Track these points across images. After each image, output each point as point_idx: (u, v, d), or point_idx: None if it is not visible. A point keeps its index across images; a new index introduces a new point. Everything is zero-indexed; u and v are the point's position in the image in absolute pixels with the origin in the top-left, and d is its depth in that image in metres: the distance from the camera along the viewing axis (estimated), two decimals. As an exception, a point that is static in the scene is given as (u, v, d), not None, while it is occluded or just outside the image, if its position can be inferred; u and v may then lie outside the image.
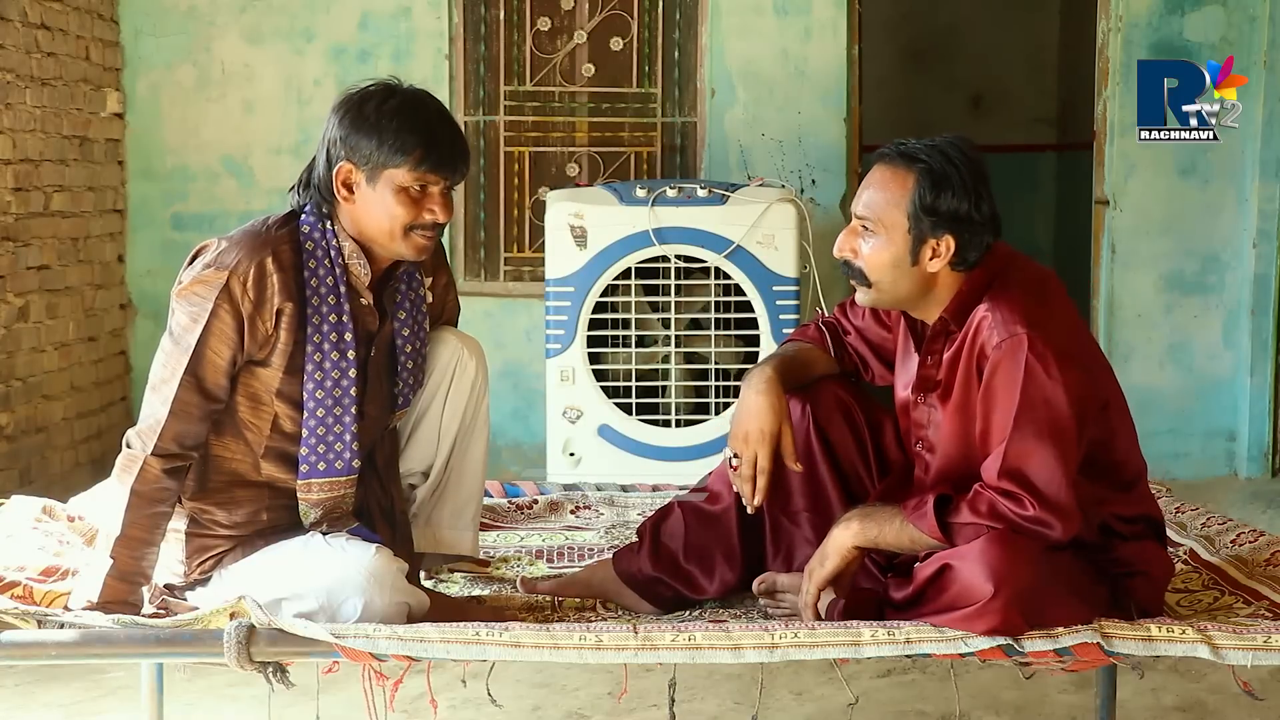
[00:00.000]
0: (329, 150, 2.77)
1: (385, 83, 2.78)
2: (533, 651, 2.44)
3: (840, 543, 2.70)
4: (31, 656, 2.64)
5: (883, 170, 2.72)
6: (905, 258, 2.69)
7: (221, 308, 2.69)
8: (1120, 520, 2.73)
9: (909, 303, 2.77)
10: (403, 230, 2.75)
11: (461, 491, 3.05)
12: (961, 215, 2.65)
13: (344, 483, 2.81)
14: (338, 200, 2.77)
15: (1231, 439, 6.34)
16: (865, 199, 2.72)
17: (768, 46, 6.29)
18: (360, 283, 2.81)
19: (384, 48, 6.28)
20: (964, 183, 2.65)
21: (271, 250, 2.73)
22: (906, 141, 2.73)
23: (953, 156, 2.67)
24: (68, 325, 5.77)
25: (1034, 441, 2.57)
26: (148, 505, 2.72)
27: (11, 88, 5.30)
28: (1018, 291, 2.67)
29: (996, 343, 2.60)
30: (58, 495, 3.54)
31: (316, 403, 2.76)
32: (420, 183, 2.74)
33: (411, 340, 2.91)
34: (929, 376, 2.77)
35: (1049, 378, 2.57)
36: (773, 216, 5.20)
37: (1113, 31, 6.27)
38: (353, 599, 2.68)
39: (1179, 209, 6.30)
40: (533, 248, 6.36)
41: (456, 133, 2.80)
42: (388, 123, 2.71)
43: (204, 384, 2.72)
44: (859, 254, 2.72)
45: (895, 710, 3.70)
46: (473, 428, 3.03)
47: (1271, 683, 3.72)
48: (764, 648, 2.45)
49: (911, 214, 2.66)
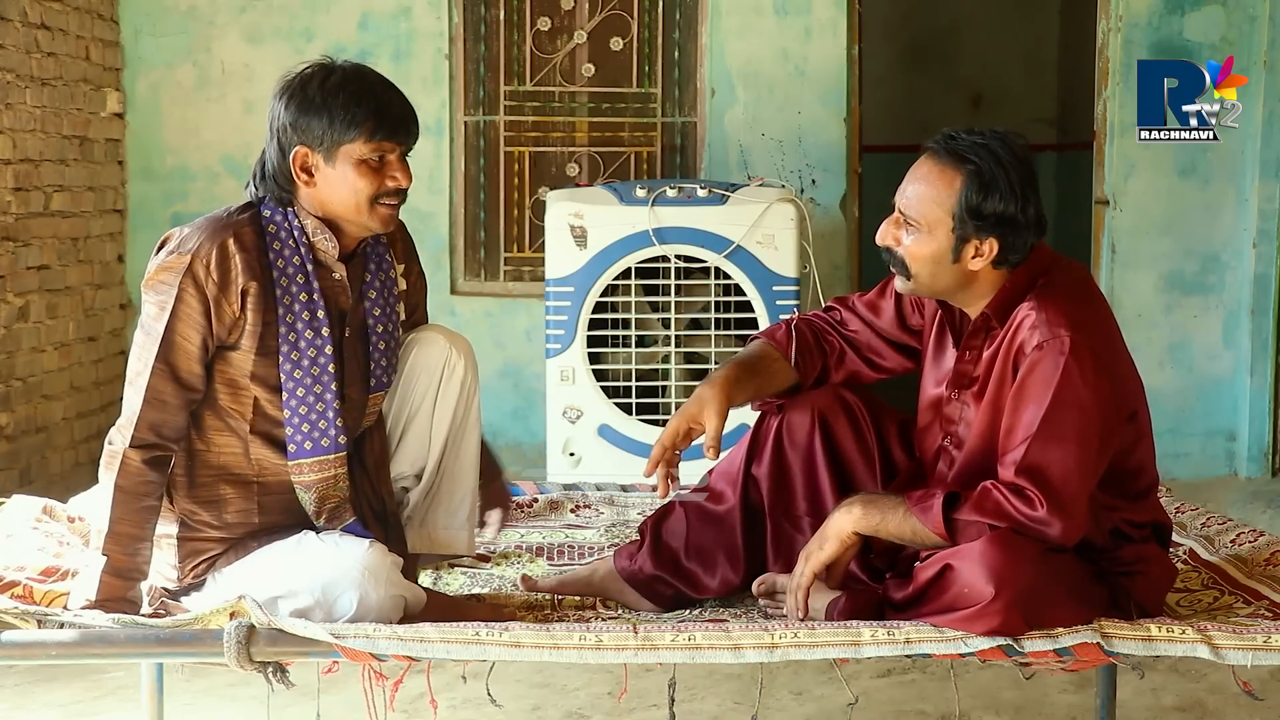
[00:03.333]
0: (280, 138, 2.78)
1: (320, 62, 2.80)
2: (533, 651, 2.44)
3: (841, 527, 2.68)
4: (31, 656, 2.64)
5: (929, 165, 2.68)
6: (947, 255, 2.66)
7: (186, 292, 2.71)
8: (1131, 525, 2.72)
9: (947, 294, 2.75)
10: (369, 202, 2.77)
11: (455, 491, 3.04)
12: (1008, 218, 2.62)
13: (334, 461, 2.80)
14: (298, 185, 2.78)
15: (1231, 439, 6.34)
16: (910, 193, 2.69)
17: (768, 46, 6.29)
18: (329, 258, 2.81)
19: (384, 48, 6.28)
20: (1012, 186, 2.62)
21: (233, 232, 2.75)
22: (956, 135, 2.67)
23: (1002, 158, 2.63)
24: (68, 325, 5.77)
25: (1057, 443, 2.55)
26: (133, 500, 2.72)
27: (11, 88, 5.30)
28: (1063, 293, 2.65)
29: (1038, 342, 2.58)
30: (58, 495, 3.54)
31: (295, 382, 2.77)
32: (378, 152, 2.76)
33: (383, 320, 2.91)
34: (966, 372, 2.75)
35: (1084, 383, 2.56)
36: (773, 216, 5.20)
37: (1113, 31, 6.27)
38: (348, 594, 2.68)
39: (1179, 209, 6.31)
40: (533, 248, 6.36)
41: (402, 97, 2.82)
42: (334, 99, 2.73)
43: (177, 371, 2.73)
44: (900, 244, 2.70)
45: (895, 710, 3.70)
46: (464, 427, 3.02)
47: (1271, 683, 3.72)
48: (764, 648, 2.45)
49: (957, 215, 2.63)
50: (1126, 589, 2.65)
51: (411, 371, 2.99)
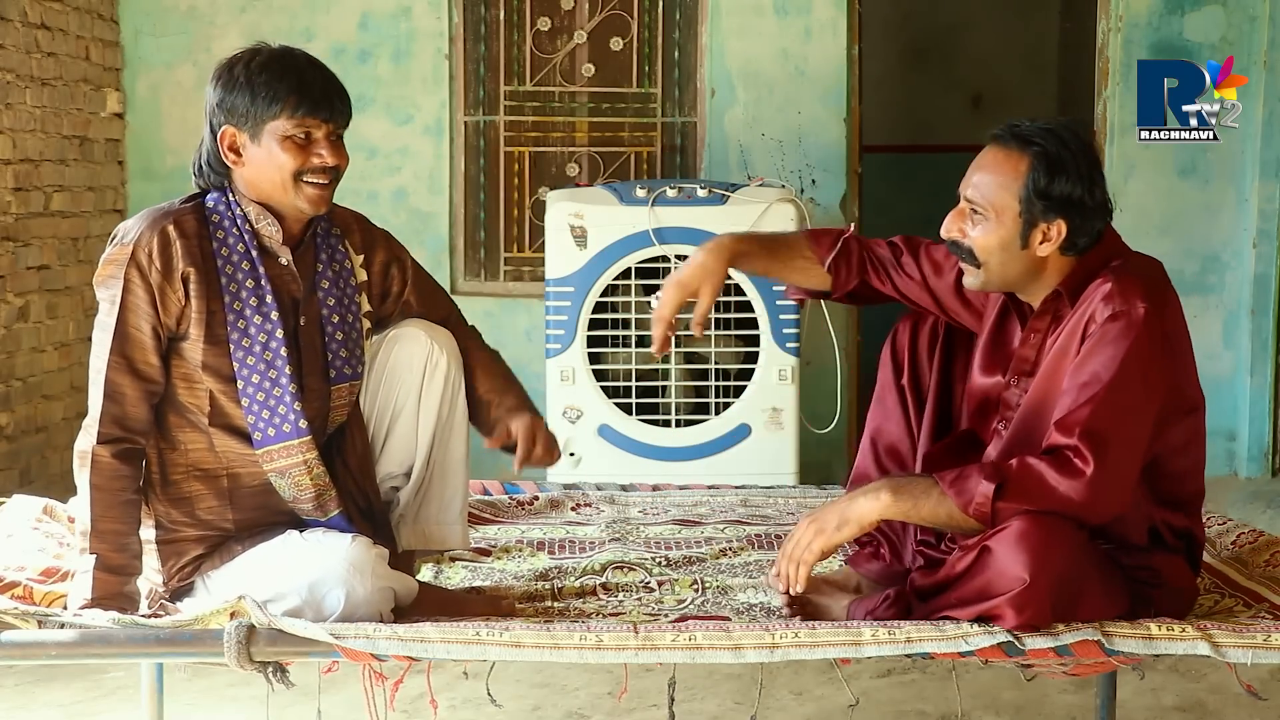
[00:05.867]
0: (211, 121, 2.81)
1: (252, 46, 2.83)
2: (533, 651, 2.44)
3: (865, 512, 2.59)
4: (31, 656, 2.64)
5: (995, 152, 2.67)
6: (1015, 241, 2.65)
7: (132, 281, 2.72)
8: (1170, 531, 2.68)
9: (1017, 284, 2.72)
10: (293, 179, 2.77)
11: (446, 487, 3.03)
12: (1075, 200, 2.62)
13: (300, 446, 2.79)
14: (230, 168, 2.80)
15: (1231, 439, 6.34)
16: (976, 181, 2.68)
17: (768, 46, 6.29)
18: (274, 243, 2.82)
19: (384, 48, 6.28)
20: (1078, 167, 2.61)
21: (173, 219, 2.76)
22: (1020, 123, 2.68)
23: (1068, 140, 2.63)
24: (68, 325, 5.77)
25: (1120, 412, 2.51)
26: (110, 495, 2.72)
27: (11, 88, 5.30)
28: (1139, 273, 2.64)
29: (1112, 312, 2.55)
30: (58, 495, 3.54)
31: (249, 369, 2.77)
32: (302, 129, 2.76)
33: (339, 310, 2.90)
34: (1027, 357, 2.71)
35: (1152, 359, 2.54)
36: (773, 216, 5.20)
37: (1113, 31, 6.27)
38: (335, 591, 2.67)
39: (1179, 209, 6.30)
40: (533, 248, 6.36)
41: (329, 75, 2.82)
42: (257, 77, 2.75)
43: (133, 364, 2.74)
44: (967, 235, 2.69)
45: (895, 710, 3.70)
46: (450, 422, 3.02)
47: (1271, 682, 3.72)
48: (764, 647, 2.45)
49: (1024, 198, 2.62)
50: (1149, 599, 2.62)
51: (394, 369, 2.98)
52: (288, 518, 2.83)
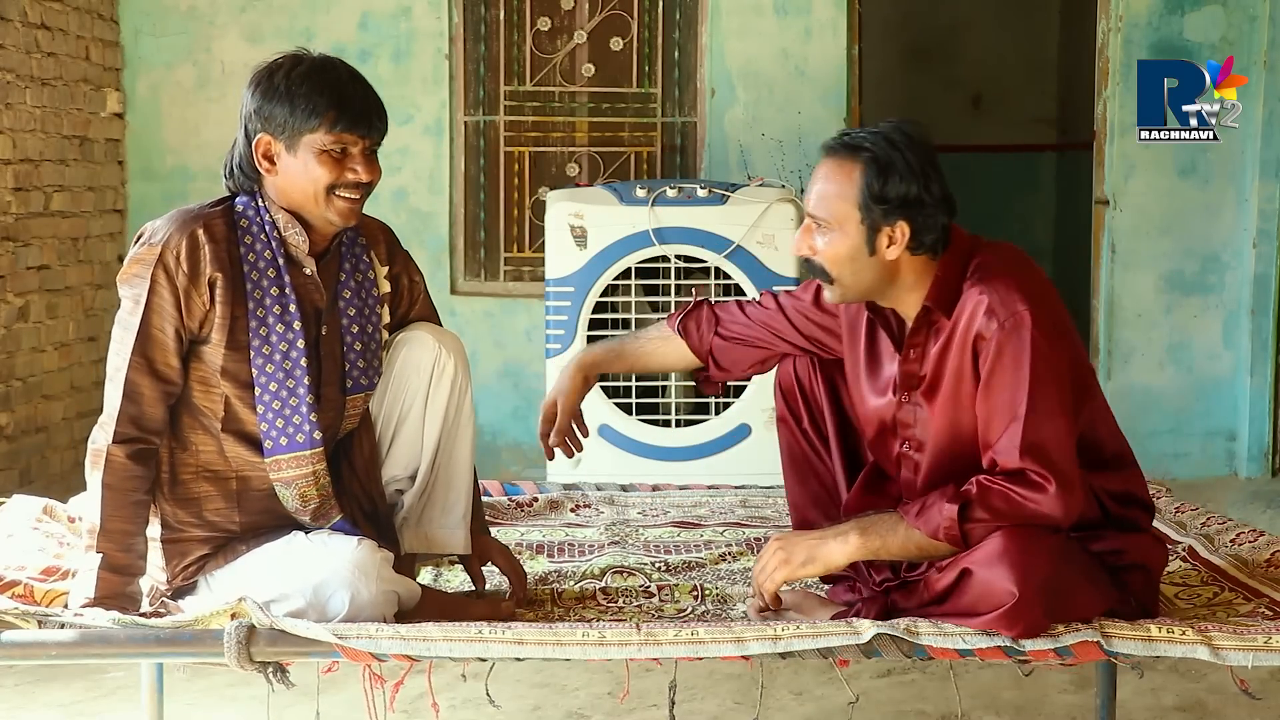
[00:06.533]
0: (246, 126, 2.80)
1: (294, 53, 2.80)
2: (536, 649, 2.44)
3: (833, 556, 2.63)
4: (31, 656, 2.63)
5: (829, 164, 2.69)
6: (862, 249, 2.64)
7: (158, 282, 2.71)
8: (1110, 497, 2.70)
9: (876, 292, 2.71)
10: (325, 192, 2.76)
11: (450, 491, 3.03)
12: (912, 199, 2.61)
13: (310, 457, 2.79)
14: (262, 174, 2.79)
15: (1231, 439, 6.34)
16: (815, 194, 2.69)
17: (768, 46, 6.29)
18: (300, 252, 2.81)
19: (384, 48, 6.28)
20: (910, 166, 2.61)
21: (203, 223, 2.75)
22: (851, 131, 2.71)
23: (897, 141, 2.63)
24: (68, 325, 5.77)
25: (1048, 419, 2.54)
26: (122, 495, 2.71)
27: (11, 88, 5.31)
28: (1003, 271, 2.63)
29: (1000, 323, 2.56)
30: (58, 495, 3.54)
31: (268, 377, 2.76)
32: (339, 144, 2.75)
33: (359, 321, 2.90)
34: (913, 372, 2.71)
35: (1052, 352, 2.56)
36: (772, 216, 5.20)
37: (1113, 31, 6.27)
38: (339, 593, 2.67)
39: (1179, 209, 6.31)
40: (533, 248, 6.36)
41: (369, 90, 2.80)
42: (298, 89, 2.73)
43: (154, 364, 2.73)
44: (816, 250, 2.69)
45: (895, 710, 3.70)
46: (456, 427, 3.01)
47: (1271, 683, 3.72)
48: (767, 639, 2.45)
49: (862, 204, 2.62)
50: (1124, 582, 2.65)
51: (401, 372, 2.97)
52: (293, 520, 2.83)
